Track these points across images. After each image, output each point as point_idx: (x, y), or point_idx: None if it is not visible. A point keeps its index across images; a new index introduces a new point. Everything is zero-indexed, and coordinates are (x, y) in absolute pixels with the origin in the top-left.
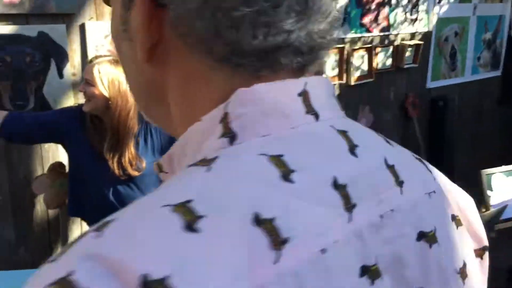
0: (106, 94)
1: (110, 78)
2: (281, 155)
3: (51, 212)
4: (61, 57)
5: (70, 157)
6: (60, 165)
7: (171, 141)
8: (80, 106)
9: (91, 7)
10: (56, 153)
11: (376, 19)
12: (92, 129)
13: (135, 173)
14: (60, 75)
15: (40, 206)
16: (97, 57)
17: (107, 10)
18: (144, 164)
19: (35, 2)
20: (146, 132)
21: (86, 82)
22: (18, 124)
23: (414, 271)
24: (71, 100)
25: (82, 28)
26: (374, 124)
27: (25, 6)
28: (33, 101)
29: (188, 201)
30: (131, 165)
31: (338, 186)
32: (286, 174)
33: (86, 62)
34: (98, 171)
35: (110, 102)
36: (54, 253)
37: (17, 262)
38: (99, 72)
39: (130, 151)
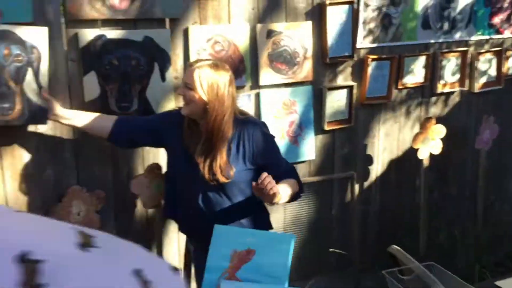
0: (204, 98)
1: (210, 82)
2: None
3: (150, 211)
4: (164, 61)
5: (167, 160)
6: (157, 166)
7: (264, 152)
8: (179, 110)
9: (195, 11)
10: (157, 155)
11: (508, 19)
12: (188, 132)
13: (224, 180)
14: (163, 78)
15: (140, 204)
16: (198, 61)
17: (211, 14)
18: (232, 172)
19: (142, 8)
20: (240, 139)
21: (185, 86)
22: (124, 129)
23: None
24: (172, 103)
25: (186, 32)
26: (499, 136)
27: (132, 12)
28: (136, 103)
29: None
30: (221, 171)
31: None
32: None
33: (187, 66)
34: (190, 175)
35: (207, 106)
36: (152, 250)
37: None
38: (199, 76)
39: (222, 156)
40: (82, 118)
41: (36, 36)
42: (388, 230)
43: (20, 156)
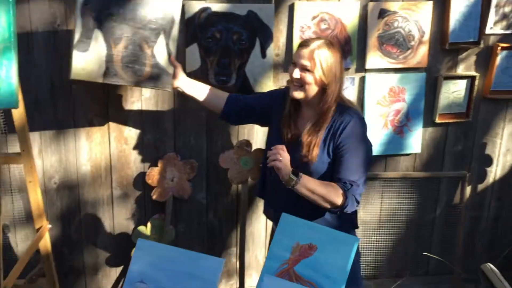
0: (324, 80)
1: (329, 63)
2: None
3: (241, 186)
4: (266, 37)
5: (266, 139)
6: (247, 143)
7: (345, 150)
8: (283, 89)
9: None
10: (251, 131)
11: None
12: (288, 114)
13: (313, 160)
14: (263, 55)
15: None
16: (311, 41)
17: None
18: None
19: None
20: (332, 127)
21: (302, 68)
22: (235, 108)
23: None
24: (270, 80)
25: (291, 8)
26: None
27: None
28: (234, 78)
29: None
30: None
31: None
32: None
33: (299, 46)
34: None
35: (327, 88)
36: (238, 224)
37: (206, 224)
38: (319, 57)
39: (320, 139)
40: (201, 92)
41: (171, 3)
42: (500, 241)
43: (125, 120)
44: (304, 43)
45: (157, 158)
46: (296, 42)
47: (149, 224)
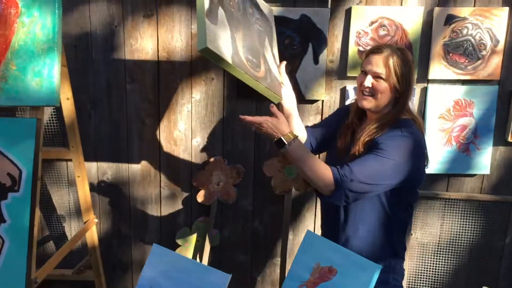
0: (399, 88)
1: (403, 71)
2: None
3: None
4: (320, 42)
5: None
6: None
7: (380, 144)
8: (349, 105)
9: None
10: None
11: None
12: (349, 124)
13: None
14: (316, 61)
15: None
16: (382, 48)
17: None
18: None
19: None
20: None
21: (374, 76)
22: (313, 139)
23: None
24: (322, 88)
25: (348, 12)
26: None
27: None
28: None
29: None
30: None
31: None
32: None
33: (367, 53)
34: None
35: (400, 96)
36: (283, 233)
37: (251, 231)
38: (393, 65)
39: None
40: (295, 122)
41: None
42: None
43: (175, 121)
44: (375, 50)
45: (204, 160)
46: (352, 48)
47: (193, 226)
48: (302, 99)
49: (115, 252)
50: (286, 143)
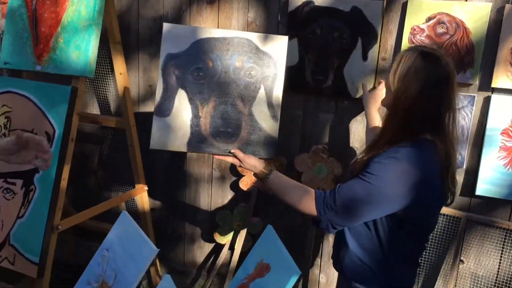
0: (393, 87)
1: (406, 70)
2: None
3: None
4: (370, 37)
5: None
6: (323, 149)
7: (371, 165)
8: None
9: None
10: (345, 135)
11: None
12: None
13: None
14: (365, 57)
15: None
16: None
17: None
18: None
19: None
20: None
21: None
22: None
23: None
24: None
25: (404, 6)
26: None
27: None
28: (331, 79)
29: None
30: None
31: None
32: None
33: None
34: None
35: (395, 102)
36: (308, 236)
37: (293, 227)
38: (400, 61)
39: None
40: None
41: (276, 46)
42: None
43: None
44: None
45: None
46: (405, 46)
47: (235, 210)
48: (348, 97)
49: (170, 225)
50: (260, 179)
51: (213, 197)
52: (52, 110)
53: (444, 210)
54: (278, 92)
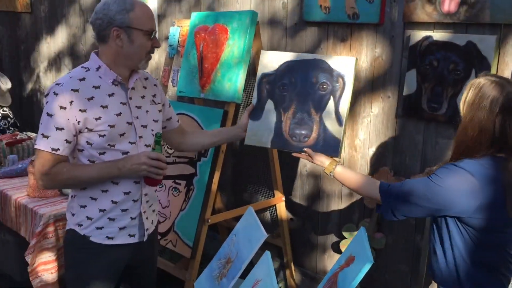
0: (461, 112)
1: (473, 98)
2: None
3: None
4: (483, 69)
5: None
6: (387, 171)
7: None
8: None
9: None
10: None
11: None
12: None
13: None
14: None
15: None
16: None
17: None
18: None
19: (471, 11)
20: None
21: None
22: None
23: None
24: None
25: None
26: None
27: (460, 15)
28: (445, 107)
29: None
30: None
31: None
32: None
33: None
34: None
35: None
36: (423, 252)
37: (414, 245)
38: (469, 89)
39: None
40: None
41: (344, 66)
42: None
43: (357, 131)
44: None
45: (377, 168)
46: None
47: (359, 224)
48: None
49: (306, 232)
50: (328, 173)
51: (342, 211)
52: (209, 128)
53: None
54: (345, 103)
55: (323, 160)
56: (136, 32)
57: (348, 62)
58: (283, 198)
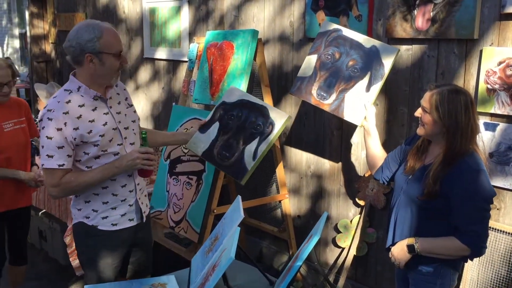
0: (440, 123)
1: (446, 108)
2: None
3: None
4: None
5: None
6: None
7: (459, 189)
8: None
9: (494, 32)
10: None
11: None
12: (418, 147)
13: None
14: None
15: None
16: (437, 86)
17: (511, 35)
18: None
19: (439, 28)
20: (448, 180)
21: (422, 108)
22: (386, 169)
23: None
24: None
25: (481, 53)
26: None
27: (431, 32)
28: (333, 98)
29: None
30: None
31: None
32: None
33: (427, 89)
34: (401, 190)
35: (447, 130)
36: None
37: None
38: (436, 101)
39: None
40: (373, 144)
41: (279, 118)
42: None
43: (354, 136)
44: (429, 87)
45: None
46: (481, 86)
47: (353, 220)
48: None
49: (308, 228)
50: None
51: (340, 209)
52: None
53: None
54: (265, 144)
55: (400, 253)
56: (105, 55)
57: (282, 116)
58: (287, 196)
